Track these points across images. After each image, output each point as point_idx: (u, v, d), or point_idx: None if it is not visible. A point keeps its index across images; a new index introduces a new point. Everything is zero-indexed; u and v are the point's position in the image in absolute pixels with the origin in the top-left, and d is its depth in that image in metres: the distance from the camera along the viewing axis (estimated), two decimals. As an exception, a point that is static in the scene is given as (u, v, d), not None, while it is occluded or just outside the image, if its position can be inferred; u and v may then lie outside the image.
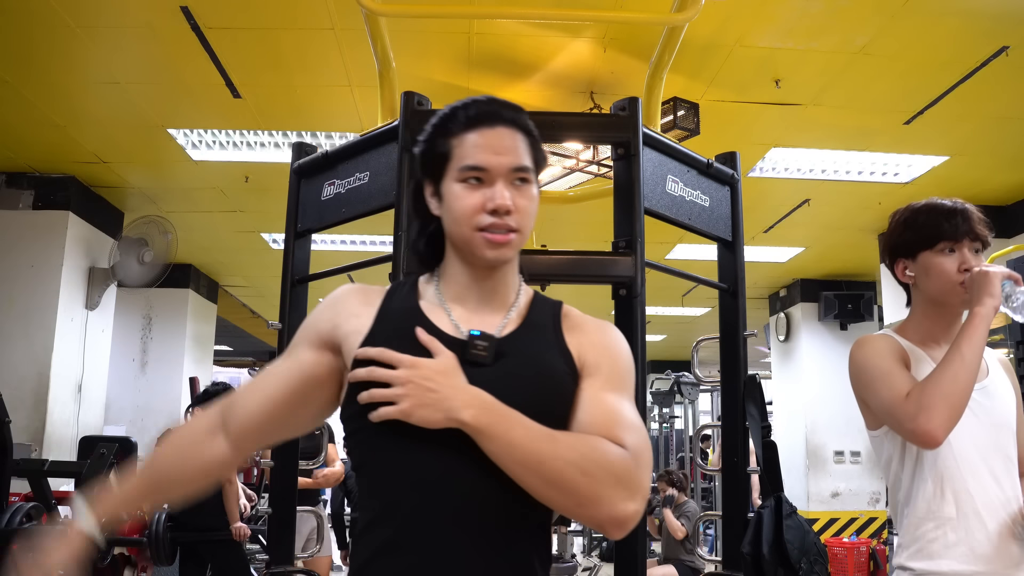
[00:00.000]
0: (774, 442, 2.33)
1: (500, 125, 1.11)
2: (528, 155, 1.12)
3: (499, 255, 1.10)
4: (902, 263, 1.70)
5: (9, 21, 3.47)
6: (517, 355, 1.10)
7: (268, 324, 2.50)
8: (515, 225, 1.10)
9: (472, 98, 1.14)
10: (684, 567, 5.21)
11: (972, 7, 3.34)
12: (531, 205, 1.12)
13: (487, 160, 1.09)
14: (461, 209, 1.10)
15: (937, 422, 1.40)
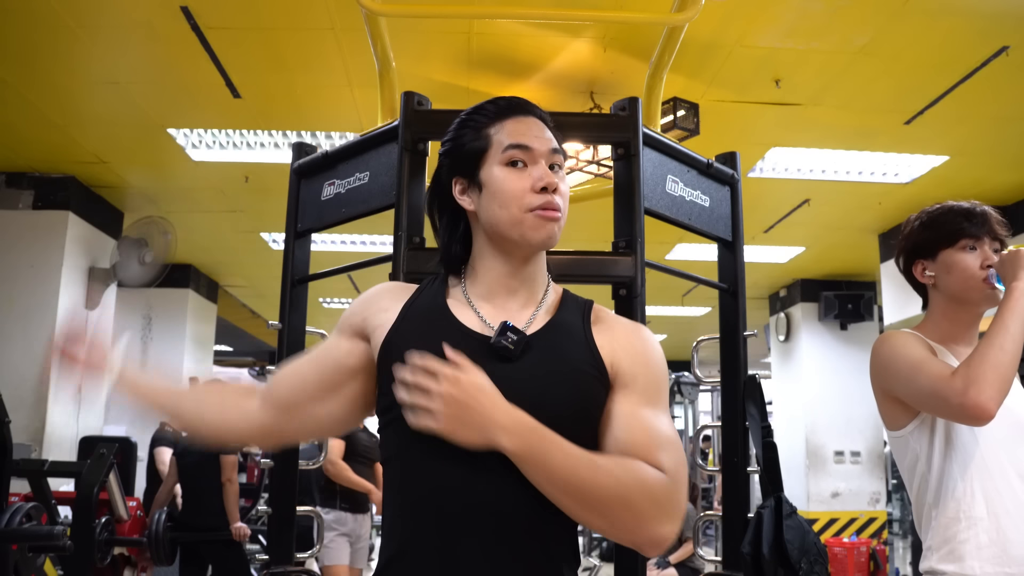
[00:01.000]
0: (774, 442, 2.33)
1: (531, 116, 1.16)
2: (558, 141, 1.17)
3: (550, 233, 1.11)
4: (921, 264, 1.66)
5: (10, 21, 3.47)
6: (543, 351, 1.09)
7: (268, 324, 2.50)
8: (560, 206, 1.12)
9: (497, 97, 1.18)
10: (684, 567, 5.21)
11: (972, 7, 3.34)
12: (567, 190, 1.15)
13: (530, 140, 1.12)
14: (511, 191, 1.11)
15: (989, 393, 1.37)
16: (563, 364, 1.09)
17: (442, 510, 1.03)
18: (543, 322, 1.13)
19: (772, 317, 8.46)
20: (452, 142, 1.17)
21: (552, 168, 1.13)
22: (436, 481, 1.04)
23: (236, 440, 1.22)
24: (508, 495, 1.03)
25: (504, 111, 1.15)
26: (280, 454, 2.33)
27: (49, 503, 3.59)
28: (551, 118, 1.21)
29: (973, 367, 1.40)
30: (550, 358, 1.09)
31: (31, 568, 3.34)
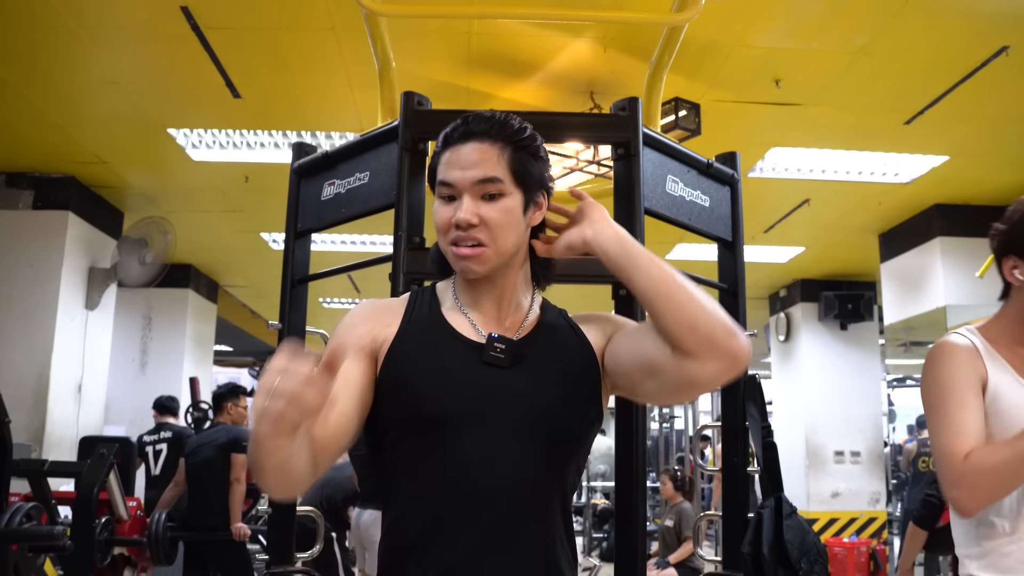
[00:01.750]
0: (774, 442, 2.34)
1: (472, 140, 1.14)
2: (503, 166, 1.13)
3: (466, 267, 1.14)
4: (1013, 260, 1.59)
5: (10, 21, 3.47)
6: (536, 356, 1.16)
7: (268, 324, 2.50)
8: (482, 239, 1.12)
9: (461, 117, 1.17)
10: (684, 567, 5.21)
11: (972, 7, 3.34)
12: (501, 217, 1.13)
13: (453, 176, 1.13)
14: (436, 224, 1.16)
15: (976, 504, 1.37)
16: (557, 364, 1.16)
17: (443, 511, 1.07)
18: (531, 328, 1.20)
19: (772, 317, 8.46)
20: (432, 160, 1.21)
21: (489, 197, 1.13)
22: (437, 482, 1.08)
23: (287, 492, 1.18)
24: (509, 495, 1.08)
25: (448, 139, 1.16)
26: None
27: (49, 503, 3.59)
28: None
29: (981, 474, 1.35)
30: (545, 360, 1.16)
31: (31, 568, 3.34)
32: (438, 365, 1.13)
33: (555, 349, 1.18)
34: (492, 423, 1.10)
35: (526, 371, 1.14)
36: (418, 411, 1.10)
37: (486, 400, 1.11)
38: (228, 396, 4.66)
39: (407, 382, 1.11)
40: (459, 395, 1.11)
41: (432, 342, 1.15)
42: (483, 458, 1.08)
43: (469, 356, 1.13)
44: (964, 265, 5.47)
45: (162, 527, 4.27)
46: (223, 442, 4.44)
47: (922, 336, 6.97)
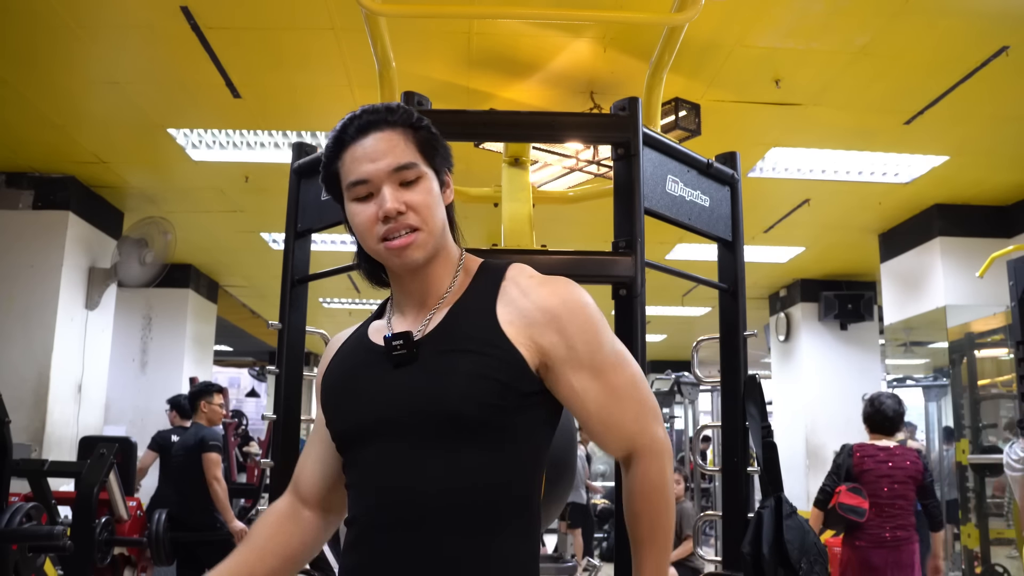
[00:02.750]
0: (774, 442, 2.33)
1: (374, 131, 1.10)
2: (412, 150, 1.10)
3: (405, 259, 1.09)
4: None
5: (9, 21, 3.47)
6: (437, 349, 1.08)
7: (268, 324, 2.50)
8: (414, 223, 1.08)
9: (351, 114, 1.13)
10: (684, 567, 5.21)
11: (972, 7, 3.34)
12: (427, 199, 1.09)
13: (365, 170, 1.09)
14: (360, 226, 1.11)
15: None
16: (459, 359, 1.05)
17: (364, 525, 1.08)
18: (440, 316, 1.11)
19: (772, 317, 8.46)
20: (321, 171, 1.18)
21: (405, 183, 1.09)
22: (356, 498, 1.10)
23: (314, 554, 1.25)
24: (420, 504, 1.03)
25: (349, 138, 1.11)
26: (280, 454, 2.33)
27: (49, 503, 3.59)
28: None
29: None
30: (444, 355, 1.06)
31: (31, 568, 3.34)
32: (350, 384, 1.14)
33: (459, 335, 1.07)
34: (394, 430, 1.05)
35: (424, 367, 1.06)
36: (335, 433, 1.15)
37: (385, 407, 1.07)
38: (202, 395, 4.67)
39: (326, 407, 1.17)
40: (360, 409, 1.09)
41: (349, 362, 1.17)
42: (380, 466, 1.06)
43: (378, 363, 1.10)
44: (964, 265, 5.46)
45: (162, 527, 4.28)
46: (191, 444, 4.44)
47: (922, 336, 6.97)
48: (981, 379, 5.98)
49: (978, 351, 5.95)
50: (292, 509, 1.23)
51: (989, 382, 6.01)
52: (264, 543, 1.20)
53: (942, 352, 6.77)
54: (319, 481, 1.23)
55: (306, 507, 1.23)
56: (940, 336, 6.16)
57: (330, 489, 1.22)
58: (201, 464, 4.37)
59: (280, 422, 2.32)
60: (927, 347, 7.91)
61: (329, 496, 1.23)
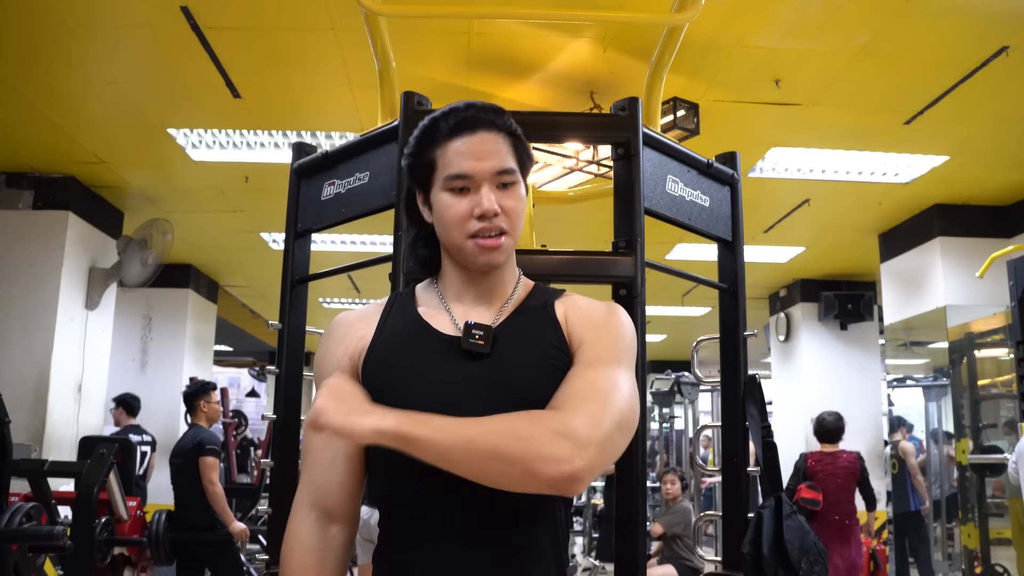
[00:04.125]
0: (774, 442, 2.33)
1: (481, 130, 1.12)
2: (512, 157, 1.13)
3: (491, 259, 1.12)
4: None
5: (9, 21, 3.47)
6: (510, 341, 1.12)
7: (268, 324, 2.50)
8: (505, 227, 1.12)
9: (451, 106, 1.15)
10: (684, 567, 5.21)
11: (972, 7, 3.34)
12: (518, 205, 1.13)
13: (470, 167, 1.10)
14: (451, 218, 1.12)
15: None
16: (531, 349, 1.11)
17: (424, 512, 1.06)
18: (508, 314, 1.16)
19: (772, 317, 8.46)
20: (409, 156, 1.17)
21: (503, 186, 1.12)
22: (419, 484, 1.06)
23: None
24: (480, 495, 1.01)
25: (453, 129, 1.12)
26: (280, 454, 2.33)
27: (49, 503, 3.59)
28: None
29: None
30: (517, 347, 1.11)
31: (31, 568, 3.34)
32: (412, 364, 1.11)
33: (528, 329, 1.14)
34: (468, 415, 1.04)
35: (502, 356, 1.10)
36: None
37: (462, 393, 1.07)
38: (199, 395, 4.66)
39: (383, 387, 1.10)
40: (433, 392, 1.07)
41: (407, 343, 1.13)
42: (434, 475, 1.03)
43: (445, 351, 1.11)
44: (964, 265, 5.46)
45: (162, 527, 4.28)
46: (189, 448, 4.43)
47: (922, 336, 6.97)
48: (981, 379, 5.98)
49: (978, 351, 5.95)
50: (322, 534, 1.13)
51: (989, 382, 6.02)
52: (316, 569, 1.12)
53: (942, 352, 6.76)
54: (347, 485, 1.14)
55: (333, 523, 1.14)
56: (940, 336, 6.16)
57: (356, 492, 1.15)
58: (196, 468, 4.36)
59: (280, 422, 2.32)
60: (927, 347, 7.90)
61: (354, 501, 1.15)
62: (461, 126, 1.12)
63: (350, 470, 1.13)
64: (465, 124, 1.12)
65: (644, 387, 2.04)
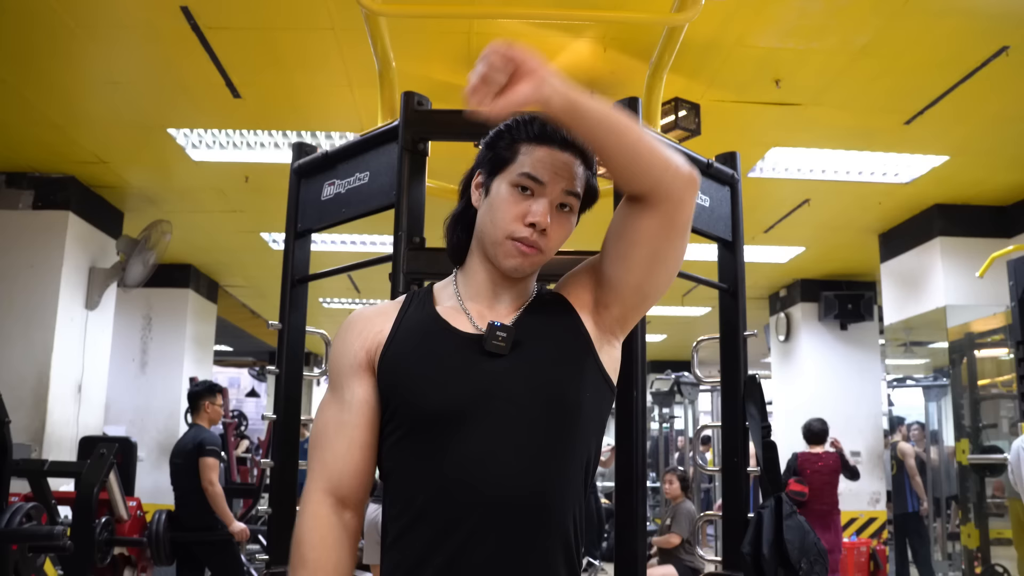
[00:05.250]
0: (774, 442, 2.33)
1: (569, 151, 1.15)
2: (581, 183, 1.17)
3: (519, 265, 1.14)
4: None
5: (9, 21, 3.47)
6: (533, 339, 1.13)
7: (268, 324, 2.50)
8: (543, 247, 1.14)
9: None
10: (684, 567, 5.21)
11: (972, 7, 3.34)
12: (563, 234, 1.17)
13: (545, 174, 1.13)
14: (503, 213, 1.13)
15: None
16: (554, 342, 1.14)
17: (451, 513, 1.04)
18: (526, 315, 1.18)
19: (772, 317, 8.46)
20: (492, 137, 1.19)
21: (562, 207, 1.15)
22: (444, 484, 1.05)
23: None
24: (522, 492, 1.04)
25: (545, 137, 1.15)
26: (281, 454, 2.33)
27: (49, 503, 3.59)
28: None
29: None
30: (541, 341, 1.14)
31: (31, 568, 3.34)
32: (434, 362, 1.11)
33: (548, 327, 1.16)
34: (497, 415, 1.06)
35: (525, 355, 1.11)
36: (418, 412, 1.08)
37: (488, 392, 1.08)
38: (204, 395, 4.65)
39: (403, 384, 1.10)
40: (458, 391, 1.08)
41: (426, 340, 1.13)
42: (492, 455, 1.04)
43: (466, 350, 1.11)
44: (964, 265, 5.46)
45: (162, 527, 4.28)
46: (190, 449, 4.42)
47: (922, 336, 6.97)
48: (981, 379, 5.99)
49: (978, 351, 5.95)
50: (339, 518, 1.13)
51: (989, 382, 6.02)
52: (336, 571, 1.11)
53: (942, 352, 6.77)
54: (362, 472, 1.14)
55: (347, 509, 1.14)
56: (940, 336, 6.17)
57: (369, 480, 1.16)
58: (196, 468, 4.36)
59: (280, 422, 2.32)
60: (927, 347, 7.90)
61: (367, 489, 1.16)
62: (554, 136, 1.15)
63: (365, 457, 1.14)
64: (561, 141, 1.15)
65: (644, 387, 2.04)
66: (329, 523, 1.12)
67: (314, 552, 1.10)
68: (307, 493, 1.14)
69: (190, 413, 4.75)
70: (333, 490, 1.13)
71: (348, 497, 1.13)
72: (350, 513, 1.14)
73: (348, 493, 1.13)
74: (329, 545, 1.11)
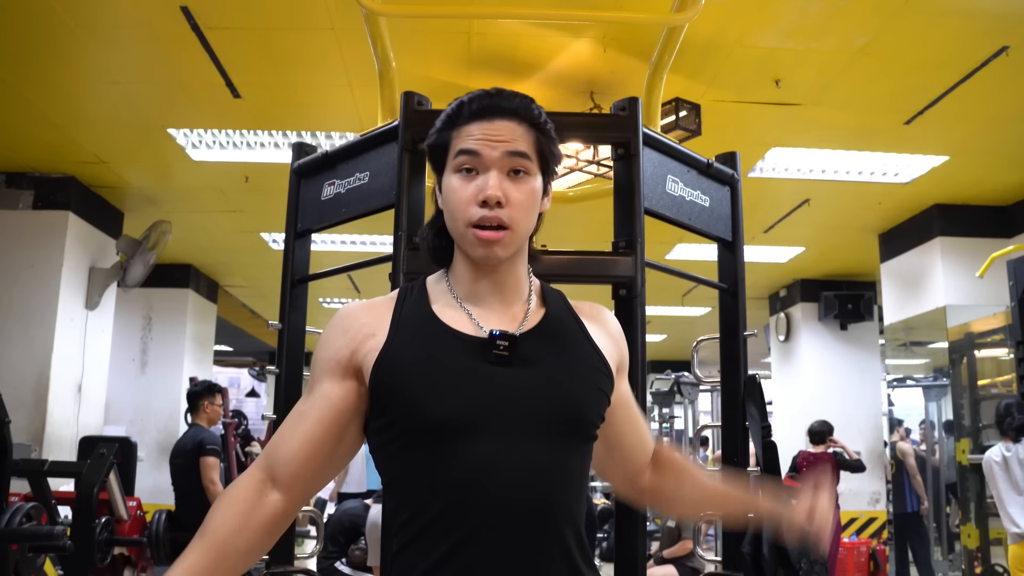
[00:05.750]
0: (774, 442, 2.33)
1: (500, 117, 1.08)
2: (529, 144, 1.09)
3: (488, 253, 1.07)
4: None
5: (9, 21, 3.47)
6: (543, 351, 1.09)
7: (268, 324, 2.50)
8: (506, 220, 1.06)
9: (480, 91, 1.11)
10: (684, 567, 5.21)
11: (972, 7, 3.34)
12: (527, 199, 1.08)
13: (480, 146, 1.06)
14: (455, 202, 1.07)
15: None
16: (572, 365, 1.11)
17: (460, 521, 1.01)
18: (535, 321, 1.12)
19: (772, 317, 8.46)
20: (430, 136, 1.14)
21: (515, 173, 1.07)
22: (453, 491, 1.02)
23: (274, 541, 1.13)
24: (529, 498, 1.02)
25: (476, 113, 1.08)
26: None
27: (49, 503, 3.59)
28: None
29: None
30: (555, 359, 1.09)
31: (31, 568, 3.34)
32: (438, 367, 1.05)
33: (562, 342, 1.11)
34: (505, 424, 1.03)
35: (534, 366, 1.06)
36: (424, 418, 1.03)
37: (496, 400, 1.04)
38: (204, 395, 4.65)
39: (407, 389, 1.04)
40: (466, 396, 1.04)
41: (427, 343, 1.07)
42: (500, 462, 1.01)
43: (471, 354, 1.06)
44: (964, 265, 5.46)
45: (162, 527, 4.28)
46: (190, 449, 4.42)
47: (922, 336, 6.98)
48: (981, 379, 5.98)
49: (978, 351, 5.95)
50: (258, 494, 1.08)
51: (989, 382, 6.02)
52: (226, 539, 1.05)
53: (942, 352, 6.77)
54: (304, 464, 1.08)
55: (276, 490, 1.08)
56: (940, 336, 6.17)
57: (311, 475, 1.10)
58: (196, 468, 4.36)
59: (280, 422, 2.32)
60: (927, 347, 7.91)
61: (308, 484, 1.10)
62: (482, 111, 1.08)
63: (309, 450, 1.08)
64: (487, 110, 1.08)
65: (644, 387, 2.04)
66: (244, 497, 1.08)
67: (215, 520, 1.07)
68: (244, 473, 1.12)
69: (189, 413, 4.75)
70: (267, 467, 1.10)
71: (280, 479, 1.08)
72: (277, 495, 1.08)
73: (281, 476, 1.08)
74: (232, 515, 1.07)
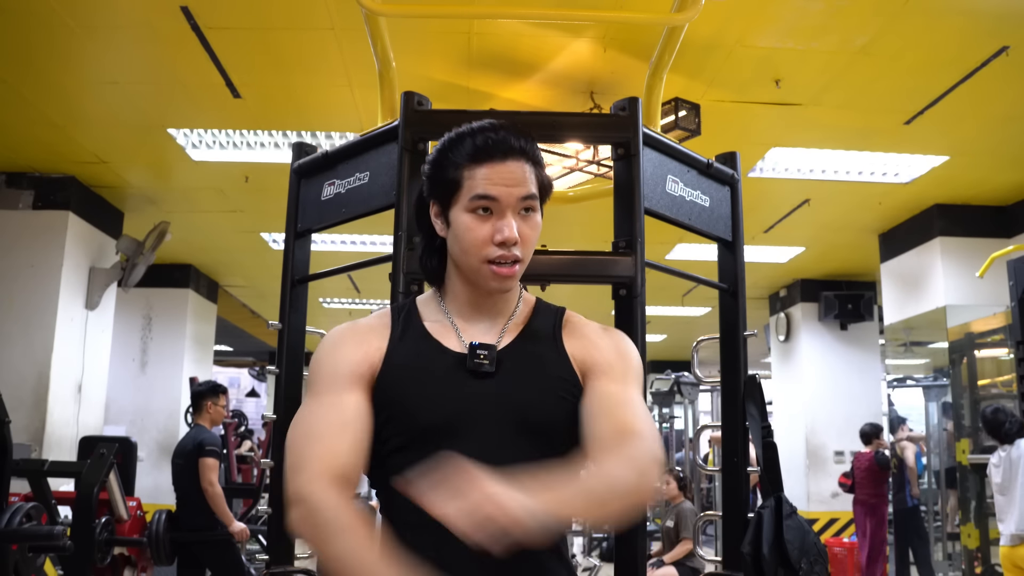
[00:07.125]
0: (774, 442, 2.33)
1: (511, 158, 1.14)
2: (535, 184, 1.16)
3: (503, 285, 1.16)
4: None
5: (9, 21, 3.47)
6: (517, 364, 1.16)
7: (268, 324, 2.50)
8: (520, 256, 1.15)
9: (479, 125, 1.17)
10: (684, 567, 5.21)
11: (973, 7, 3.34)
12: (534, 234, 1.17)
13: (498, 191, 1.13)
14: (471, 241, 1.14)
15: None
16: (538, 375, 1.16)
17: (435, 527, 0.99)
18: (514, 335, 1.20)
19: (772, 317, 8.46)
20: (431, 167, 1.19)
21: (525, 211, 1.15)
22: None
23: None
24: None
25: (482, 152, 1.14)
26: (281, 454, 2.32)
27: (49, 503, 3.59)
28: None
29: None
30: (524, 371, 1.16)
31: (31, 568, 3.34)
32: (428, 379, 1.14)
33: (536, 355, 1.18)
34: (479, 429, 1.10)
35: (509, 377, 1.14)
36: (415, 425, 1.11)
37: (471, 406, 1.12)
38: (208, 395, 4.63)
39: (402, 400, 1.13)
40: (449, 405, 1.12)
41: (420, 358, 1.16)
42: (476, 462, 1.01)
43: (454, 366, 1.15)
44: (964, 265, 5.46)
45: (162, 527, 4.28)
46: (190, 449, 4.40)
47: (922, 336, 6.98)
48: (981, 379, 5.98)
49: (978, 351, 5.95)
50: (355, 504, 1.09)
51: (989, 382, 6.01)
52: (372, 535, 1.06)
53: (942, 352, 6.77)
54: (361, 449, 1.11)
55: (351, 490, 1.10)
56: (940, 336, 6.17)
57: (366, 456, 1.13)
58: (196, 469, 4.35)
59: (280, 422, 2.32)
60: (927, 347, 7.90)
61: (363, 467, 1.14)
62: (492, 150, 1.14)
63: (364, 428, 1.11)
64: (496, 149, 1.14)
65: (644, 387, 2.04)
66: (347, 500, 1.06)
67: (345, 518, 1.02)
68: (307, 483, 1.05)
69: (192, 413, 4.74)
70: (335, 471, 1.07)
71: (352, 476, 1.10)
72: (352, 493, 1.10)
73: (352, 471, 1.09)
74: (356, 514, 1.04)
